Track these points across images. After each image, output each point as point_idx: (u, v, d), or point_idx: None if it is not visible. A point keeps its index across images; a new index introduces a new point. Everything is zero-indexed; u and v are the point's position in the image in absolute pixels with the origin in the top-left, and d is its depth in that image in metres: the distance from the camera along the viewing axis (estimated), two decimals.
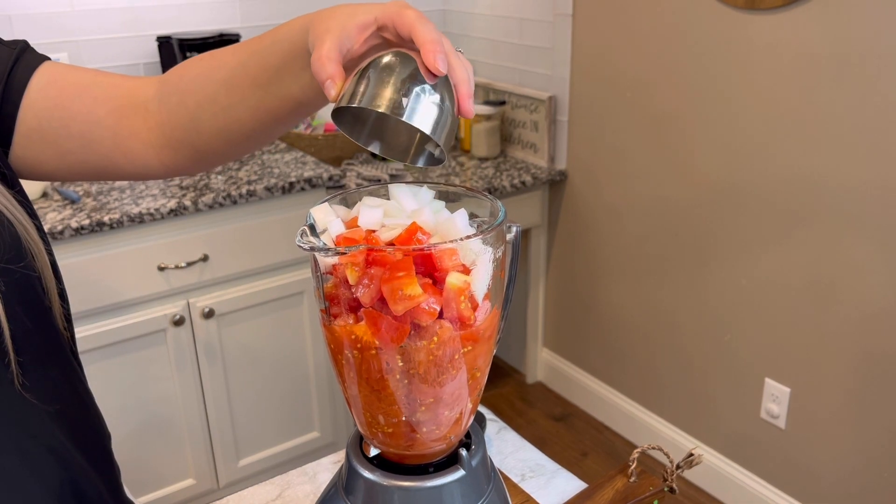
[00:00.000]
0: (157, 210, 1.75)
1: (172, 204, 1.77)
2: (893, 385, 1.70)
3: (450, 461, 0.63)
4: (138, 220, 1.73)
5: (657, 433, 2.31)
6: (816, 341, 1.83)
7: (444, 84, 0.58)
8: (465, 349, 0.58)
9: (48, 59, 0.78)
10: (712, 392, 2.13)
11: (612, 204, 2.30)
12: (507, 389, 2.72)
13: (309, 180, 1.94)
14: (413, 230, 0.56)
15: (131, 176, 0.81)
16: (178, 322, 1.85)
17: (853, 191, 1.68)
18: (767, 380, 1.96)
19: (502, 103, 2.51)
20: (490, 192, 2.26)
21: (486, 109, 2.45)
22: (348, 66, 0.63)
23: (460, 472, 0.62)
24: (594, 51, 2.23)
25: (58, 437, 0.76)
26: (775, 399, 1.95)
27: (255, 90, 0.72)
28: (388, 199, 0.62)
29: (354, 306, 0.57)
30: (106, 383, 1.82)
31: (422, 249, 0.55)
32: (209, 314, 1.89)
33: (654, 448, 0.87)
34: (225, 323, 1.94)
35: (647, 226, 2.20)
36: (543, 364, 2.72)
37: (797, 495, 1.96)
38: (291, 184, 1.92)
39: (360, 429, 0.64)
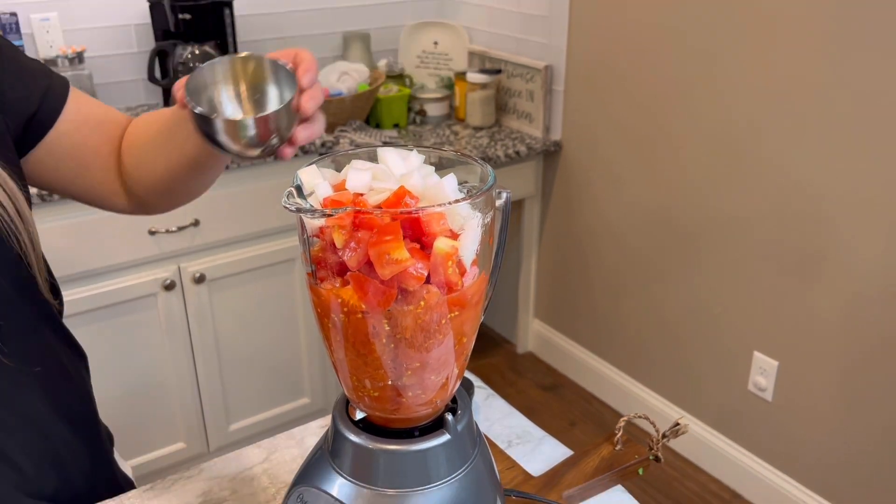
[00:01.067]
0: None
1: None
2: (880, 359, 1.72)
3: (435, 425, 0.63)
4: None
5: (645, 404, 2.33)
6: (805, 315, 1.84)
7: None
8: (452, 314, 0.58)
9: (68, 84, 0.85)
10: (701, 364, 2.14)
11: (606, 175, 2.29)
12: (498, 359, 2.73)
13: (301, 146, 1.93)
14: (401, 194, 0.56)
15: (102, 206, 0.91)
16: (169, 287, 1.85)
17: (845, 165, 1.68)
18: (756, 353, 1.97)
19: (498, 72, 2.49)
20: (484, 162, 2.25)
21: (481, 78, 2.43)
22: None
23: (445, 437, 0.62)
24: (592, 20, 2.20)
25: (37, 407, 0.77)
26: (763, 372, 1.96)
27: (166, 143, 0.80)
28: (378, 162, 0.61)
29: (341, 270, 0.56)
30: (96, 347, 1.82)
31: (410, 213, 0.54)
32: (200, 279, 1.89)
33: (640, 417, 0.88)
34: (216, 288, 1.94)
35: (641, 197, 2.19)
36: (534, 334, 2.73)
37: (783, 467, 1.99)
38: None
39: (346, 393, 0.64)
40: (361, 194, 0.57)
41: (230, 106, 0.72)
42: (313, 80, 0.68)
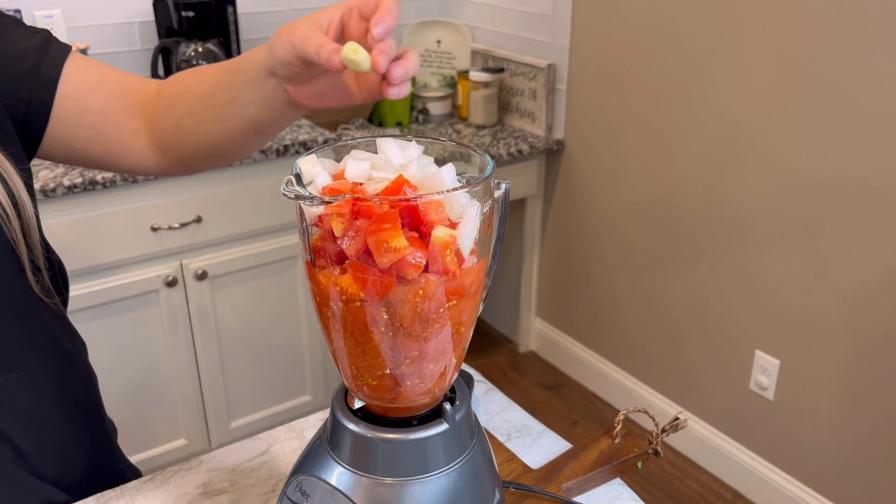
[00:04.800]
0: None
1: None
2: (882, 359, 1.71)
3: (434, 415, 0.64)
4: (131, 179, 1.73)
5: (647, 403, 2.33)
6: (807, 314, 1.84)
7: None
8: (451, 303, 0.58)
9: (70, 49, 0.81)
10: (703, 363, 2.14)
11: (608, 174, 2.29)
12: (500, 358, 2.73)
13: (304, 143, 1.93)
14: (400, 183, 0.56)
15: (127, 170, 0.86)
16: (171, 283, 1.86)
17: (847, 165, 1.68)
18: (757, 352, 1.97)
19: (501, 71, 2.49)
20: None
21: (484, 77, 2.43)
22: None
23: (444, 426, 0.62)
24: (594, 19, 2.21)
25: (36, 392, 0.77)
26: (765, 371, 1.96)
27: (223, 107, 0.75)
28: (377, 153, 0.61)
29: (340, 258, 0.56)
30: (98, 343, 1.83)
31: (408, 200, 0.54)
32: (202, 276, 1.89)
33: (639, 411, 0.88)
34: (218, 285, 1.94)
35: (643, 196, 2.19)
36: (536, 333, 2.73)
37: (784, 466, 1.99)
38: (286, 147, 1.91)
39: (345, 381, 0.64)
40: (360, 184, 0.57)
41: None
42: (384, 32, 0.61)
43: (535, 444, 0.89)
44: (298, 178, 0.57)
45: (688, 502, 2.09)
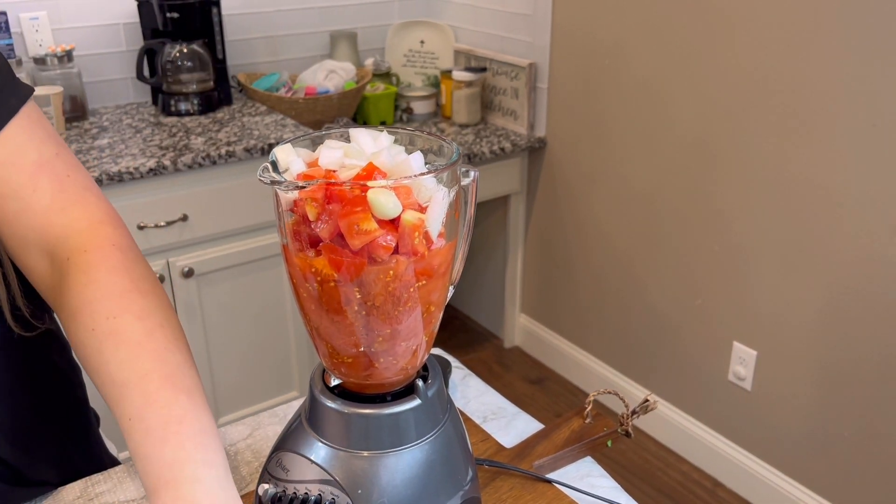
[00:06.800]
0: (136, 169, 1.76)
1: (152, 163, 1.79)
2: (855, 349, 1.76)
3: (406, 391, 0.67)
4: (117, 178, 1.75)
5: (629, 395, 2.37)
6: (783, 306, 1.88)
7: None
8: (420, 283, 0.61)
9: (15, 111, 0.70)
10: (683, 355, 2.18)
11: (590, 171, 2.33)
12: (485, 354, 2.77)
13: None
14: (371, 169, 0.59)
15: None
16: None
17: (822, 159, 1.72)
18: (735, 343, 2.01)
19: (483, 70, 2.52)
20: (469, 159, 2.29)
21: (466, 76, 2.47)
22: None
23: (416, 401, 0.65)
24: (574, 18, 2.24)
25: (13, 392, 0.79)
26: (742, 362, 2.00)
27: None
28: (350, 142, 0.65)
29: (314, 241, 0.60)
30: None
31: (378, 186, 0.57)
32: (189, 273, 1.91)
33: (608, 392, 0.91)
34: (205, 283, 1.97)
35: (624, 192, 2.23)
36: (521, 329, 2.77)
37: (762, 455, 2.03)
38: (271, 146, 1.93)
39: (322, 361, 0.67)
40: (333, 171, 0.61)
41: None
42: None
43: (509, 425, 0.92)
44: (274, 165, 0.60)
45: (670, 492, 2.13)
